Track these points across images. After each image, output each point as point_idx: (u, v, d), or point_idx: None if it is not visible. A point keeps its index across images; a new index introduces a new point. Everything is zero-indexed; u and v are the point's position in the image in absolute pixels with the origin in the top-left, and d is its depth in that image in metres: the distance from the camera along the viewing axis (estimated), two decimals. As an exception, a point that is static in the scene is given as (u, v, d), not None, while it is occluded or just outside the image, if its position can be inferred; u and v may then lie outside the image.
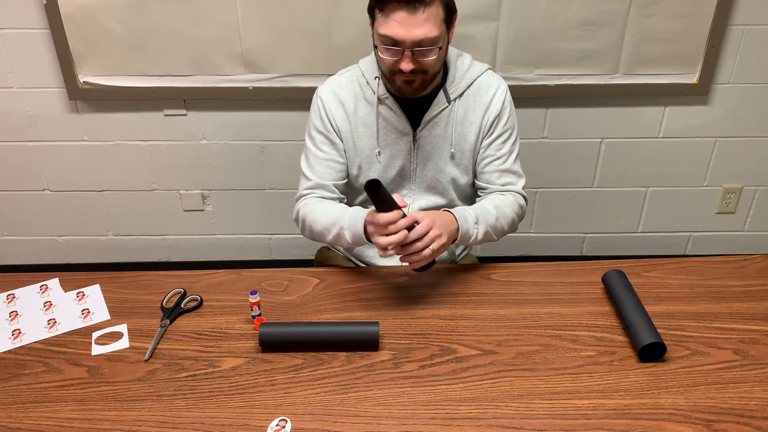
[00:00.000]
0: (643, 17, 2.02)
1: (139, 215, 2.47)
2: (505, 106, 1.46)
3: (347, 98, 1.44)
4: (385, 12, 1.26)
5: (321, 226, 1.39)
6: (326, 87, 1.47)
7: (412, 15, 1.24)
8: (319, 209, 1.42)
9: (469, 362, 1.18)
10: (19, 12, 2.04)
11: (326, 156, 1.46)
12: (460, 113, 1.44)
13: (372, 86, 1.42)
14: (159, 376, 1.17)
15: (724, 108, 2.23)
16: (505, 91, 1.46)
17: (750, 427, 1.04)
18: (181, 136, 2.28)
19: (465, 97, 1.44)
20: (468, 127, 1.45)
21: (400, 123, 1.43)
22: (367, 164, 1.47)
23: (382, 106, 1.42)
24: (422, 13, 1.25)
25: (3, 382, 1.16)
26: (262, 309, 1.31)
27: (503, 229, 1.44)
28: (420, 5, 1.24)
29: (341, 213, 1.37)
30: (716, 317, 1.28)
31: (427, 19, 1.26)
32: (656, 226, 2.51)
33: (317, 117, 1.46)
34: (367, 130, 1.45)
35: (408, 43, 1.27)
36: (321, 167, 1.46)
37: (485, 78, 1.45)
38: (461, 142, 1.45)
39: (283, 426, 1.06)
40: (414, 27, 1.25)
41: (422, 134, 1.44)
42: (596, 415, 1.06)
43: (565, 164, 2.34)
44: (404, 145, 1.45)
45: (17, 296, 1.39)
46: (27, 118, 2.24)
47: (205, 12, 2.01)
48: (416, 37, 1.26)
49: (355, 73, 1.46)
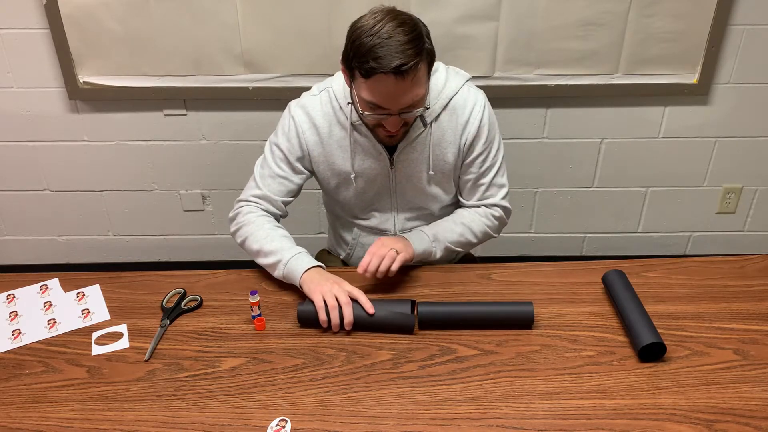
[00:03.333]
0: (643, 17, 2.02)
1: (139, 215, 2.47)
2: (483, 123, 1.40)
3: (321, 122, 1.40)
4: (371, 81, 1.20)
5: (259, 246, 1.37)
6: (299, 109, 1.42)
7: (400, 85, 1.19)
8: (265, 229, 1.39)
9: (469, 362, 1.18)
10: (19, 12, 2.04)
11: (281, 173, 1.44)
12: (437, 135, 1.40)
13: (345, 111, 1.38)
14: (159, 376, 1.17)
15: (724, 108, 2.23)
16: (482, 107, 1.41)
17: (750, 427, 1.04)
18: (181, 136, 2.28)
19: (441, 119, 1.39)
20: (446, 148, 1.42)
21: (375, 149, 1.40)
22: (344, 185, 1.46)
23: (356, 132, 1.39)
24: (410, 81, 1.19)
25: (3, 382, 1.16)
26: (262, 309, 1.31)
27: (470, 242, 1.46)
28: (408, 74, 1.18)
29: (284, 245, 1.35)
30: (716, 317, 1.28)
31: (414, 83, 1.21)
32: (656, 226, 2.51)
33: (285, 136, 1.42)
34: (343, 153, 1.42)
35: (395, 110, 1.24)
36: (273, 182, 1.44)
37: (461, 95, 1.40)
38: (440, 163, 1.43)
39: (283, 426, 1.06)
40: (402, 95, 1.21)
41: (399, 158, 1.42)
42: (596, 415, 1.06)
43: (565, 164, 2.34)
44: (381, 169, 1.43)
45: (17, 296, 1.39)
46: (27, 118, 2.24)
47: (205, 12, 2.01)
48: (405, 104, 1.23)
49: (328, 93, 1.40)
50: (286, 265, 1.33)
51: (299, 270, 1.31)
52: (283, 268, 1.33)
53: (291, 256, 1.33)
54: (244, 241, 1.41)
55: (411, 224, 1.52)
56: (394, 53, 1.16)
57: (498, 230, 1.53)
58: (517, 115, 2.23)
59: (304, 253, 1.35)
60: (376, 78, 1.18)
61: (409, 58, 1.17)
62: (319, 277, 1.29)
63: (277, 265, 1.34)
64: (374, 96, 1.22)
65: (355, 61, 1.20)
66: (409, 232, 1.44)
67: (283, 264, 1.33)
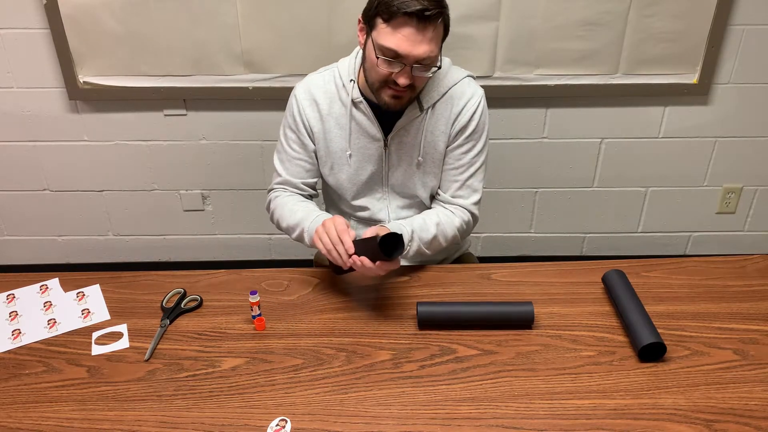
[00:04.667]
0: (643, 17, 2.02)
1: (139, 215, 2.47)
2: (474, 116, 1.42)
3: (322, 98, 1.43)
4: (392, 24, 1.23)
5: (287, 224, 1.44)
6: (302, 86, 1.46)
7: (420, 32, 1.23)
8: (288, 207, 1.45)
9: (469, 362, 1.18)
10: (19, 12, 2.04)
11: (296, 155, 1.48)
12: (431, 122, 1.42)
13: (347, 88, 1.41)
14: (159, 376, 1.17)
15: (724, 108, 2.23)
16: (478, 102, 1.42)
17: (750, 427, 1.04)
18: (181, 136, 2.28)
19: (438, 106, 1.41)
20: (438, 136, 1.43)
21: (372, 128, 1.42)
22: (339, 165, 1.47)
23: (355, 109, 1.42)
24: (430, 32, 1.24)
25: (3, 382, 1.16)
26: (262, 309, 1.31)
27: (440, 245, 1.46)
28: (430, 23, 1.22)
29: (306, 215, 1.41)
30: (716, 317, 1.28)
31: (432, 38, 1.25)
32: (656, 226, 2.51)
33: (291, 115, 1.47)
34: (341, 131, 1.44)
35: (411, 58, 1.25)
36: (291, 165, 1.48)
37: (460, 86, 1.42)
38: (431, 150, 1.44)
39: (283, 426, 1.06)
40: (420, 44, 1.24)
41: (393, 141, 1.43)
42: (596, 415, 1.06)
43: (565, 164, 2.34)
44: (375, 150, 1.45)
45: (17, 296, 1.39)
46: (27, 118, 2.24)
47: (205, 12, 2.01)
48: (421, 54, 1.25)
49: (333, 72, 1.44)
50: (307, 233, 1.37)
51: (312, 231, 1.33)
52: (308, 237, 1.38)
53: (310, 222, 1.38)
54: (278, 225, 1.48)
55: (404, 213, 1.52)
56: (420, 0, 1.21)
57: (465, 236, 1.54)
58: (517, 115, 2.23)
59: (323, 215, 1.39)
60: (399, 20, 1.22)
61: (433, 5, 1.22)
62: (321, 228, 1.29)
63: (303, 236, 1.39)
64: (394, 40, 1.24)
65: (381, 7, 1.24)
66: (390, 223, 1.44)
67: (307, 233, 1.38)
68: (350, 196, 1.51)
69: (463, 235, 1.51)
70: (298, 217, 1.41)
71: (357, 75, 1.41)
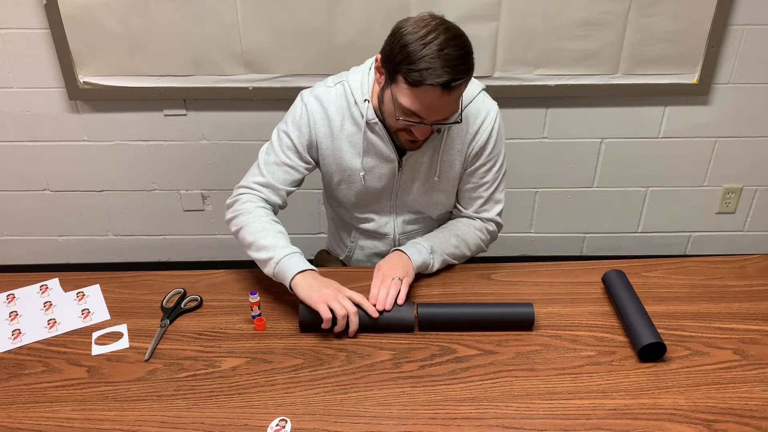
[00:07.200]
0: (643, 17, 2.02)
1: (139, 215, 2.47)
2: (492, 135, 1.39)
3: (334, 114, 1.38)
4: (416, 90, 1.18)
5: (253, 239, 1.32)
6: (314, 99, 1.39)
7: (444, 97, 1.18)
8: (260, 224, 1.34)
9: (469, 362, 1.18)
10: (19, 12, 2.04)
11: (287, 162, 1.40)
12: (447, 141, 1.39)
13: (361, 108, 1.35)
14: (159, 376, 1.17)
15: (724, 108, 2.23)
16: (494, 118, 1.39)
17: (750, 427, 1.04)
18: (181, 136, 2.28)
19: (453, 126, 1.37)
20: (454, 156, 1.41)
21: (386, 150, 1.38)
22: (348, 183, 1.45)
23: (370, 131, 1.38)
24: (455, 96, 1.19)
25: (3, 382, 1.16)
26: (262, 309, 1.31)
27: (464, 255, 1.46)
28: (455, 90, 1.18)
29: (277, 242, 1.31)
30: (716, 317, 1.28)
31: (456, 98, 1.21)
32: (656, 226, 2.51)
33: (295, 125, 1.40)
34: (352, 149, 1.40)
35: (431, 119, 1.23)
36: (278, 170, 1.41)
37: (476, 104, 1.38)
38: (446, 169, 1.42)
39: (283, 426, 1.06)
40: (442, 108, 1.21)
41: (407, 161, 1.40)
42: (596, 415, 1.06)
43: (565, 164, 2.34)
44: (389, 170, 1.41)
45: (17, 296, 1.39)
46: (27, 118, 2.24)
47: (205, 12, 2.01)
48: (442, 116, 1.23)
49: (344, 87, 1.38)
50: (277, 264, 1.28)
51: (291, 271, 1.26)
52: (275, 266, 1.28)
53: (284, 255, 1.28)
54: (238, 231, 1.37)
55: (410, 228, 1.52)
56: (446, 67, 1.14)
57: (489, 244, 1.53)
58: (517, 115, 2.23)
59: (298, 254, 1.30)
60: (423, 89, 1.16)
61: (459, 74, 1.16)
62: (317, 283, 1.25)
63: (268, 262, 1.29)
64: (415, 105, 1.20)
65: (403, 66, 1.17)
66: (405, 244, 1.41)
67: (274, 262, 1.28)
68: (356, 209, 1.50)
69: (488, 243, 1.51)
70: (270, 241, 1.31)
71: (371, 94, 1.36)
